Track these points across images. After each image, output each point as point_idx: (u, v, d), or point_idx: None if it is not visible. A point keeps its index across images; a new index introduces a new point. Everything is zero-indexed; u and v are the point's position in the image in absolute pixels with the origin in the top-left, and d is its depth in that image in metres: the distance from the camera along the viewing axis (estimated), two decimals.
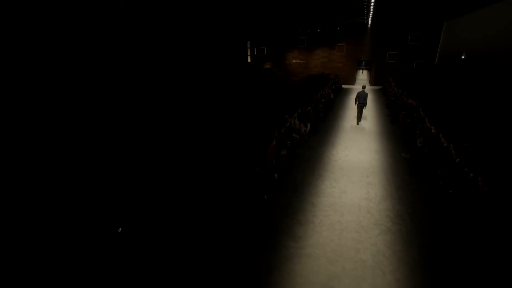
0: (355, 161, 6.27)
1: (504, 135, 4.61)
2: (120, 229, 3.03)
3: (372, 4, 11.96)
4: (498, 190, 3.26)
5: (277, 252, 3.46)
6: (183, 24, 12.93)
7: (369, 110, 11.66)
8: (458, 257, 3.22)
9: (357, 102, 9.18)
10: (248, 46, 22.95)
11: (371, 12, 13.71)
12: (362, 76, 25.48)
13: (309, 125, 7.74)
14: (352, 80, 20.84)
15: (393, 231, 3.81)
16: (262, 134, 5.23)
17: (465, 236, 3.38)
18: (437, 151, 4.98)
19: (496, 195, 3.22)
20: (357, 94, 9.13)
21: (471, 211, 3.41)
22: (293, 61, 22.18)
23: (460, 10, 12.70)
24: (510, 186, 3.26)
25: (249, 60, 23.11)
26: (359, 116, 9.34)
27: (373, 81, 19.94)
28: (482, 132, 4.98)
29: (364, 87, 9.17)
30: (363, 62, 22.05)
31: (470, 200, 3.48)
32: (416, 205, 4.42)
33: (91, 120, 5.64)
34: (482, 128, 5.14)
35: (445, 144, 4.92)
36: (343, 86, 19.19)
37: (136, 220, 3.22)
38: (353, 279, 3.03)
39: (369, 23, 17.31)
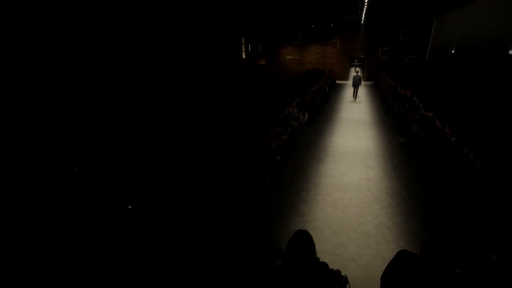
0: (353, 147, 6.44)
1: (492, 117, 4.84)
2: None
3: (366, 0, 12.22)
4: (488, 162, 3.46)
5: (282, 226, 3.56)
6: (178, 21, 12.88)
7: (364, 103, 11.92)
8: (454, 224, 3.39)
9: (353, 83, 12.47)
10: (243, 42, 22.99)
11: (365, 8, 13.97)
12: (354, 74, 25.84)
13: (307, 114, 7.89)
14: (345, 76, 21.15)
15: (393, 206, 3.97)
16: (264, 119, 5.33)
17: (460, 205, 3.56)
18: (433, 133, 5.18)
19: (487, 167, 3.41)
20: (353, 77, 12.45)
21: (465, 183, 3.59)
22: (288, 57, 22.35)
23: (448, 6, 13.10)
24: (498, 158, 3.46)
25: (243, 56, 23.16)
26: (355, 94, 12.63)
27: (366, 76, 20.28)
28: (472, 114, 5.21)
29: (357, 72, 12.91)
30: (356, 59, 22.43)
31: (464, 173, 3.67)
32: (414, 183, 4.60)
33: (88, 118, 5.57)
34: (472, 112, 5.38)
35: (439, 127, 5.12)
36: (337, 81, 19.46)
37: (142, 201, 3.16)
38: (358, 247, 3.16)
39: (362, 20, 17.61)
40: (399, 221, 3.61)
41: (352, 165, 5.41)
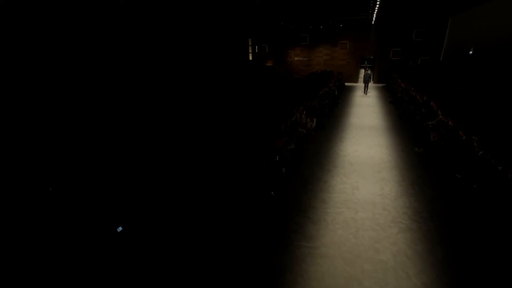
0: (365, 156, 5.96)
1: None
2: (120, 228, 2.81)
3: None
4: None
5: (288, 252, 3.15)
6: (185, 22, 12.64)
7: (375, 107, 11.37)
8: (489, 256, 2.91)
9: (363, 80, 14.51)
10: (250, 43, 22.66)
11: (377, 7, 13.41)
12: (365, 72, 25.13)
13: (315, 120, 7.45)
14: (355, 78, 20.54)
15: (413, 229, 3.50)
16: (268, 127, 4.94)
17: (495, 233, 3.08)
18: (455, 144, 4.67)
19: None
20: (364, 74, 14.63)
21: (500, 206, 3.10)
22: (295, 58, 21.88)
23: (467, 4, 12.38)
24: None
25: (250, 58, 22.82)
26: (366, 89, 14.69)
27: (377, 78, 19.62)
28: (504, 124, 4.67)
29: (367, 70, 15.66)
30: (366, 61, 21.73)
31: (499, 195, 3.18)
32: (435, 201, 4.11)
33: (91, 118, 5.41)
34: (504, 121, 4.83)
35: (464, 137, 4.61)
36: (346, 83, 18.87)
37: (135, 217, 2.97)
38: (374, 282, 2.72)
39: (373, 20, 17.00)
40: (421, 249, 3.14)
41: (365, 178, 4.95)
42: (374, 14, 15.30)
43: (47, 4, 6.71)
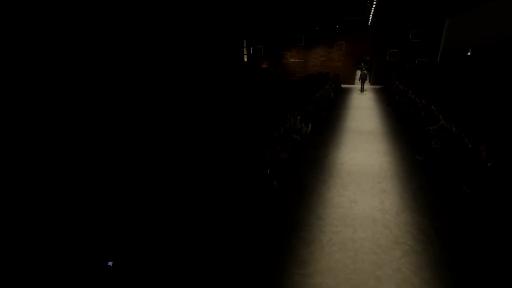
0: (364, 164, 5.61)
1: None
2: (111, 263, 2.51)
3: (375, 0, 11.41)
4: None
5: (277, 283, 2.77)
6: (178, 22, 12.27)
7: (373, 109, 11.07)
8: (506, 281, 2.56)
9: (360, 79, 15.47)
10: (245, 45, 22.32)
11: (373, 8, 13.15)
12: (362, 72, 24.92)
13: (310, 125, 7.09)
14: (351, 80, 20.29)
15: (418, 252, 3.14)
16: (260, 136, 4.56)
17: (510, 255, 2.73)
18: (460, 152, 4.34)
19: None
20: (360, 74, 15.76)
21: None
22: (291, 60, 21.59)
23: (464, 5, 12.17)
24: None
25: (245, 59, 22.46)
26: (362, 88, 15.54)
27: (373, 80, 19.37)
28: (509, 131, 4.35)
29: (364, 69, 16.47)
30: (362, 62, 21.49)
31: None
32: (441, 216, 3.77)
33: (86, 120, 5.09)
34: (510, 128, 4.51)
35: (469, 146, 4.27)
36: (342, 85, 18.60)
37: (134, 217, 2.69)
38: None
39: (370, 21, 16.77)
40: (429, 277, 2.78)
41: (364, 189, 4.59)
42: (371, 15, 15.06)
43: (50, 4, 6.45)
